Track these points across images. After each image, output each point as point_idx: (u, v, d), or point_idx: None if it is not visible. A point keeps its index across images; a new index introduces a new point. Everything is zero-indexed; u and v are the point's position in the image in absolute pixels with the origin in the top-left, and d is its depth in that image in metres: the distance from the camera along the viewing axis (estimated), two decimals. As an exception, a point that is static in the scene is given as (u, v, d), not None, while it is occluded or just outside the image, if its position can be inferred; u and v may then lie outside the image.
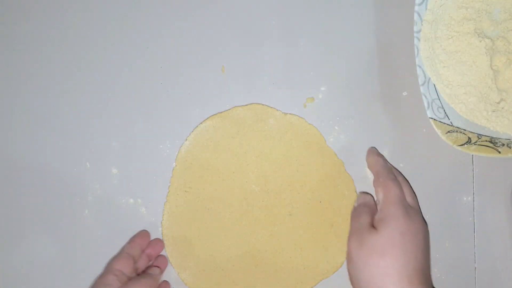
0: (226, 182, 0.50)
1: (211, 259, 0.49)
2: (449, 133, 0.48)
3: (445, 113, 0.48)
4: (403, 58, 0.51)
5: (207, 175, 0.50)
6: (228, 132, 0.50)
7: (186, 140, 0.50)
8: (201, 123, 0.50)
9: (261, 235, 0.49)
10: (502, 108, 0.48)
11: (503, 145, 0.48)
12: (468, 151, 0.47)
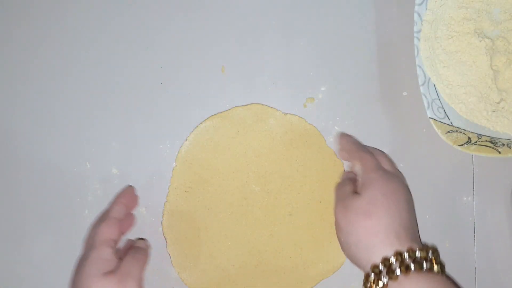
0: (226, 182, 0.50)
1: (211, 259, 0.49)
2: (449, 133, 0.48)
3: (445, 113, 0.48)
4: (403, 58, 0.51)
5: (207, 175, 0.50)
6: (228, 132, 0.50)
7: (186, 140, 0.50)
8: (201, 123, 0.50)
9: (261, 235, 0.49)
10: (502, 108, 0.48)
11: (503, 145, 0.48)
12: (468, 151, 0.47)
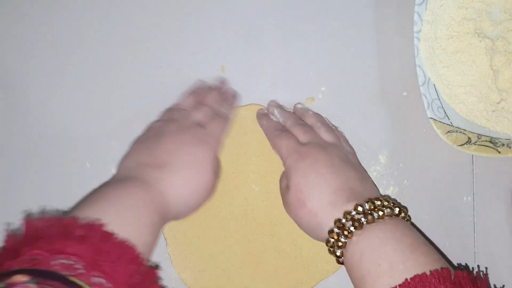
0: (226, 182, 0.50)
1: (211, 259, 0.49)
2: (449, 133, 0.48)
3: (445, 113, 0.48)
4: (403, 58, 0.51)
5: (207, 175, 0.50)
6: (227, 132, 0.50)
7: (186, 140, 0.50)
8: (201, 123, 0.50)
9: (261, 235, 0.49)
10: (502, 108, 0.48)
11: (503, 145, 0.48)
12: (468, 151, 0.47)
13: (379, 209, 0.40)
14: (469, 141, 0.48)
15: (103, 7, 0.51)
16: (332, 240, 0.40)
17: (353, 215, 0.39)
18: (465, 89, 0.48)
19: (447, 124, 0.48)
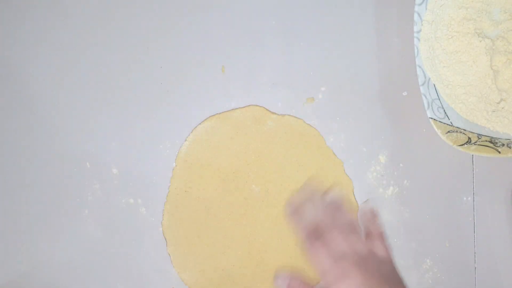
0: (226, 182, 0.50)
1: (211, 259, 0.49)
2: (449, 133, 0.48)
3: (445, 113, 0.48)
4: (403, 58, 0.51)
5: (207, 175, 0.50)
6: (228, 132, 0.50)
7: (185, 140, 0.50)
8: (201, 124, 0.50)
9: (261, 235, 0.49)
10: (502, 108, 0.48)
11: (503, 145, 0.48)
12: (468, 151, 0.47)
13: None
14: (469, 141, 0.48)
15: (103, 7, 0.51)
16: None
17: None
18: (465, 89, 0.48)
19: (447, 124, 0.48)
